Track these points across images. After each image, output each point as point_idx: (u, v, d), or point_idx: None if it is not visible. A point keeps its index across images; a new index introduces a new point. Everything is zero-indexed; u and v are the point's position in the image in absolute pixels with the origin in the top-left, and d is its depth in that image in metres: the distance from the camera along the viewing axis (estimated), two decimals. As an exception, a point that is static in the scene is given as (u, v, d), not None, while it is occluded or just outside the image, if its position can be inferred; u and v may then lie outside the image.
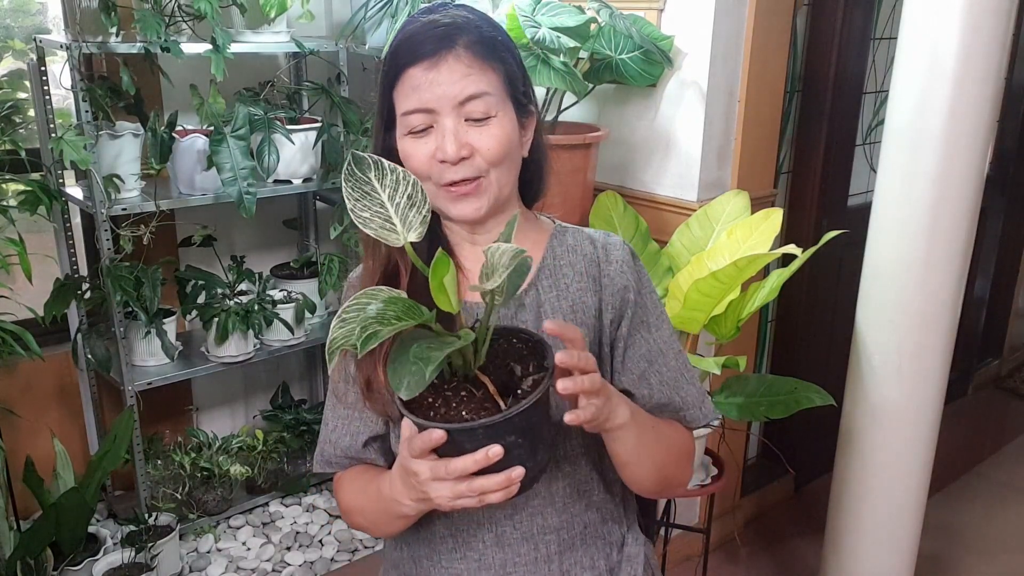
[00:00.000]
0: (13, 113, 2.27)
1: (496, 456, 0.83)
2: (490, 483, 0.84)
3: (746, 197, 2.12)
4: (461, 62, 0.98)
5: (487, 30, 1.02)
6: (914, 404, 2.06)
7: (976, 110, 1.85)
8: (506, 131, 1.01)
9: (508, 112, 1.02)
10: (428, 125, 1.00)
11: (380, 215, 0.87)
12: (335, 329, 0.82)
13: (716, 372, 1.78)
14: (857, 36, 2.56)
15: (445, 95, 0.98)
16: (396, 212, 0.87)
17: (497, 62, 1.01)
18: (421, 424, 0.85)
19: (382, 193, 0.87)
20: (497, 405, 0.86)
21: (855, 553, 2.21)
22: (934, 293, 1.97)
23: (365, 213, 0.87)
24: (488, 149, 1.00)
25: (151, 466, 2.61)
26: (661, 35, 2.20)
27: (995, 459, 3.36)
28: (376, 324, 0.80)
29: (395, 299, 0.83)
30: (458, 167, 1.00)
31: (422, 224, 0.87)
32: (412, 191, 0.87)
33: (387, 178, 0.87)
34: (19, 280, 2.29)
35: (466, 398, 0.87)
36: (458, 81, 0.98)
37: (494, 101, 1.00)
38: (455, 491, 0.86)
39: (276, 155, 2.49)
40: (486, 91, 0.99)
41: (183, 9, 2.33)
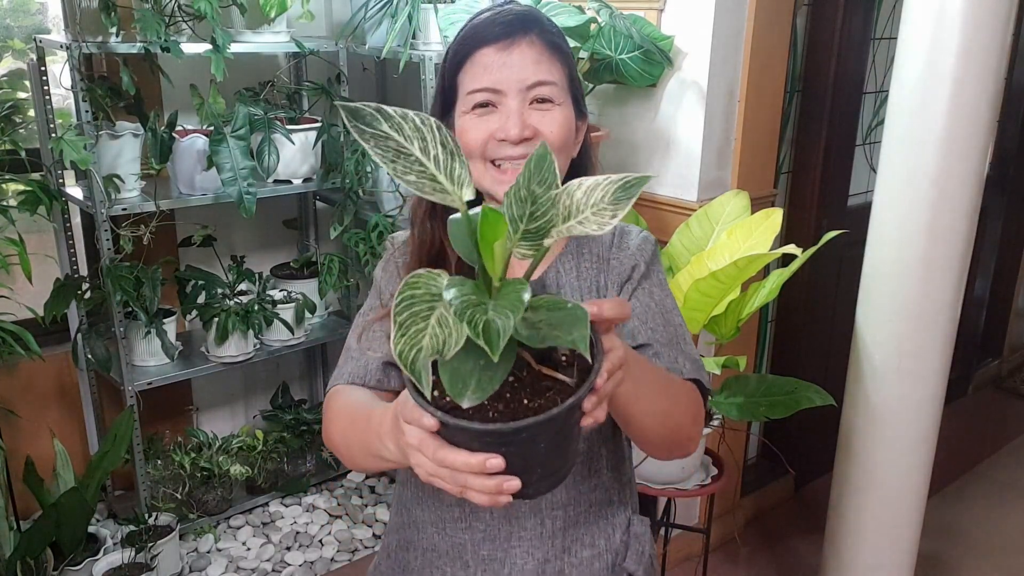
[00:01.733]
0: (13, 113, 2.27)
1: (493, 468, 0.72)
2: (476, 484, 0.73)
3: (746, 197, 2.12)
4: (534, 48, 1.02)
5: (556, 28, 1.06)
6: (914, 404, 2.06)
7: (976, 110, 1.85)
8: (568, 120, 1.05)
9: (569, 106, 1.06)
10: (492, 104, 1.03)
11: (424, 175, 0.72)
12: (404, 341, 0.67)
13: (716, 372, 1.78)
14: (857, 36, 2.56)
15: (515, 77, 1.01)
16: (439, 169, 0.72)
17: (564, 58, 1.05)
18: (420, 404, 0.72)
19: (412, 147, 0.72)
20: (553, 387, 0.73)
21: (855, 553, 2.21)
22: (934, 293, 1.97)
23: (410, 176, 0.72)
24: (551, 132, 1.03)
25: (151, 466, 2.61)
26: (661, 35, 2.20)
27: (995, 459, 3.36)
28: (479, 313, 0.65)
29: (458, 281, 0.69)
30: (518, 147, 1.02)
31: (468, 175, 0.73)
32: (443, 137, 0.72)
33: (405, 128, 0.72)
34: (19, 280, 2.29)
35: (513, 382, 0.73)
36: (529, 65, 1.01)
37: (559, 91, 1.03)
38: (435, 471, 0.76)
39: (276, 155, 2.49)
40: (554, 80, 1.03)
41: (183, 9, 2.33)
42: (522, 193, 0.71)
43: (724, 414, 2.02)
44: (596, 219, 0.70)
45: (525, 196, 0.71)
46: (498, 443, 0.72)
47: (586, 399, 0.72)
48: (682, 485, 2.06)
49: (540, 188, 0.71)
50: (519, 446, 0.72)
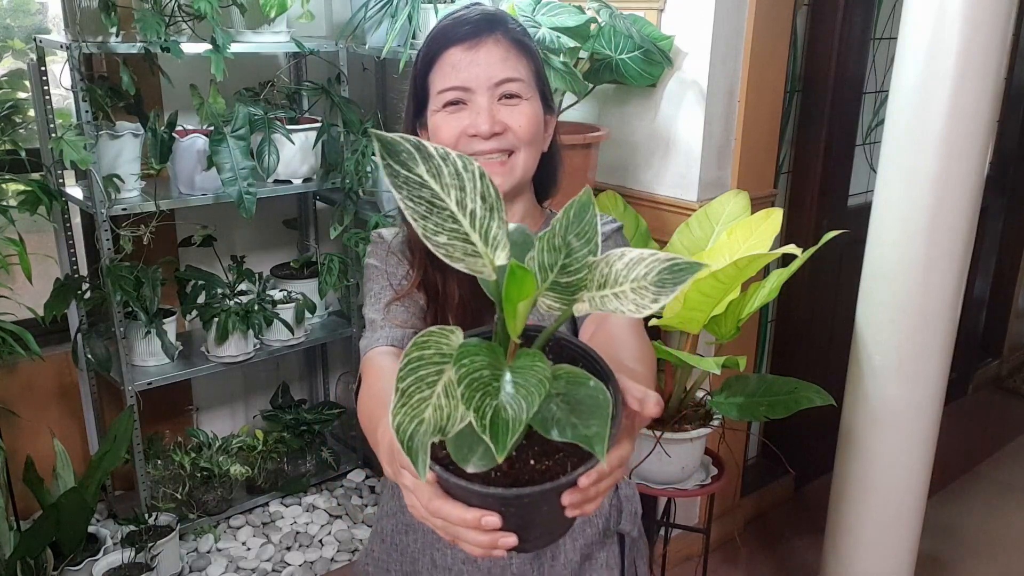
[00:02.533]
0: (13, 113, 2.27)
1: (490, 527, 0.66)
2: (470, 537, 0.68)
3: (746, 197, 2.12)
4: (500, 46, 1.05)
5: (522, 28, 1.10)
6: (914, 404, 2.06)
7: (976, 110, 1.85)
8: (536, 114, 1.08)
9: (537, 101, 1.09)
10: (462, 102, 1.06)
11: (457, 235, 0.62)
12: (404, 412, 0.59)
13: (716, 372, 1.78)
14: (857, 36, 2.56)
15: (483, 75, 1.05)
16: (474, 227, 0.62)
17: (530, 56, 1.09)
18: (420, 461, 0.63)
19: (448, 199, 0.62)
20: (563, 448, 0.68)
21: (855, 553, 2.21)
22: (934, 293, 1.97)
23: (442, 238, 0.62)
24: (520, 126, 1.06)
25: (151, 466, 2.61)
26: (661, 35, 2.20)
27: (995, 459, 3.36)
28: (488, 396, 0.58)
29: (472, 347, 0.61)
30: (489, 141, 1.05)
31: (506, 236, 0.64)
32: (484, 188, 0.62)
33: (444, 173, 0.62)
34: (19, 280, 2.29)
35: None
36: (496, 63, 1.05)
37: (526, 87, 1.07)
38: (426, 518, 0.71)
39: (276, 155, 2.49)
40: (520, 77, 1.06)
41: (183, 9, 2.33)
42: (556, 241, 0.64)
43: (724, 414, 2.02)
44: (635, 297, 0.61)
45: (559, 245, 0.64)
46: (498, 505, 0.67)
47: (583, 481, 0.65)
48: (682, 485, 2.06)
49: (578, 241, 0.64)
50: (520, 508, 0.68)
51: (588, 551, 1.15)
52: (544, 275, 0.64)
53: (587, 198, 0.65)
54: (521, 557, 1.10)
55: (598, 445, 0.59)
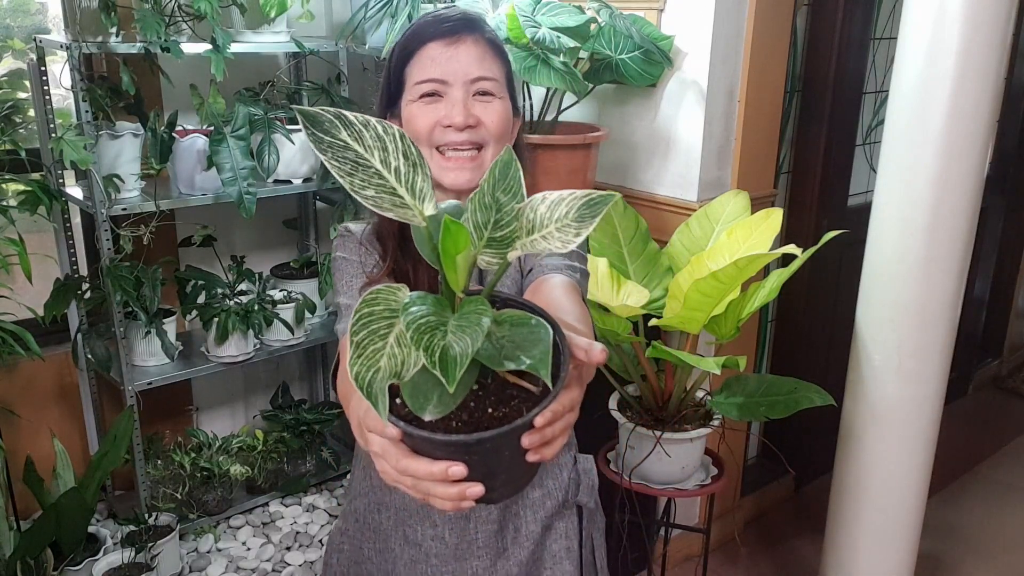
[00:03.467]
0: (13, 113, 2.27)
1: (455, 476, 0.70)
2: (439, 491, 0.71)
3: (746, 197, 2.12)
4: (478, 46, 1.12)
5: (496, 34, 1.16)
6: (914, 404, 2.06)
7: (976, 110, 1.85)
8: (506, 112, 1.14)
9: (508, 102, 1.15)
10: (438, 94, 1.11)
11: (384, 189, 0.67)
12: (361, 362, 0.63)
13: (716, 372, 1.78)
14: (857, 36, 2.56)
15: (461, 70, 1.10)
16: (400, 182, 0.68)
17: (503, 59, 1.15)
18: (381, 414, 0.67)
19: (372, 158, 0.67)
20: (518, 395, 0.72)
21: (855, 553, 2.21)
22: (934, 293, 1.97)
23: (368, 191, 0.68)
24: (492, 122, 1.12)
25: (151, 466, 2.61)
26: (661, 35, 2.20)
27: (995, 459, 3.36)
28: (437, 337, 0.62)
29: (418, 298, 0.66)
30: (462, 133, 1.10)
31: (431, 189, 0.70)
32: (405, 147, 0.68)
33: (365, 137, 0.67)
34: (19, 280, 2.29)
35: (477, 390, 0.71)
36: (474, 61, 1.11)
37: (499, 87, 1.13)
38: (399, 479, 0.74)
39: (276, 155, 2.49)
40: (495, 77, 1.12)
41: (183, 9, 2.33)
42: (487, 200, 0.68)
43: (724, 414, 2.02)
44: (560, 235, 0.67)
45: (490, 203, 0.68)
46: (461, 452, 0.70)
47: (539, 420, 0.69)
48: (682, 485, 2.06)
49: (505, 196, 0.69)
50: (482, 455, 0.71)
51: (548, 522, 1.21)
52: (479, 233, 0.68)
53: (509, 156, 0.70)
54: (486, 530, 1.17)
55: (543, 369, 0.63)
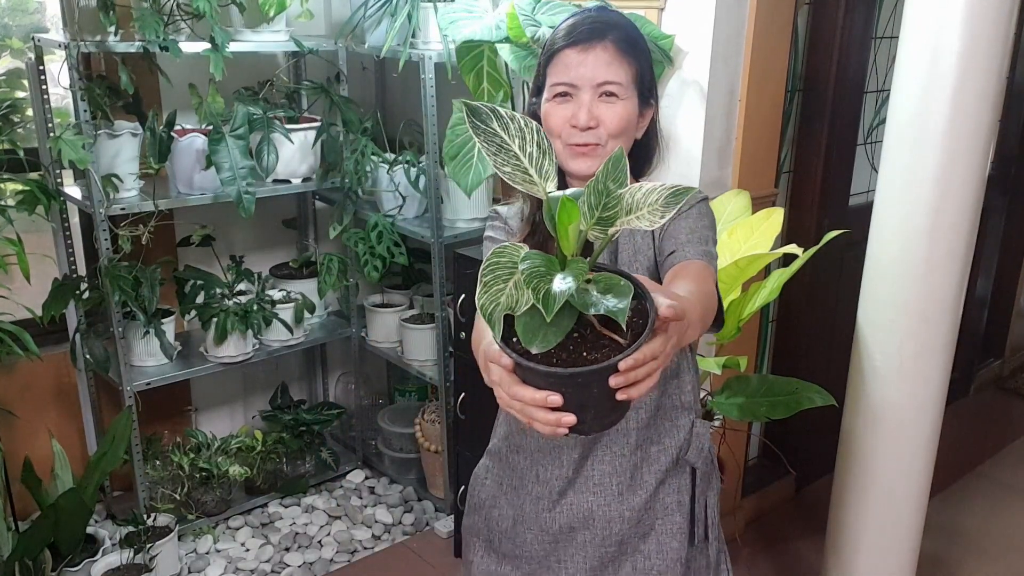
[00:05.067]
0: (11, 112, 2.26)
1: (554, 403, 0.88)
2: (539, 416, 0.89)
3: (747, 197, 2.11)
4: (607, 52, 1.23)
5: (632, 32, 1.27)
6: (915, 404, 2.05)
7: (977, 109, 1.85)
8: (628, 113, 1.26)
9: (633, 100, 1.27)
10: (569, 95, 1.26)
11: (519, 168, 0.89)
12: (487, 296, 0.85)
13: (717, 372, 1.77)
14: (858, 35, 2.55)
15: (588, 76, 1.24)
16: (531, 164, 0.89)
17: (634, 60, 1.26)
18: (500, 346, 0.88)
19: (512, 144, 0.89)
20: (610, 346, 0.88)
21: (856, 554, 2.20)
22: (935, 293, 1.96)
23: (507, 168, 0.89)
24: (611, 122, 1.25)
25: (150, 467, 2.60)
26: (662, 34, 2.19)
27: (996, 460, 3.35)
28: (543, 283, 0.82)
29: (534, 255, 0.85)
30: (585, 133, 1.25)
31: (555, 173, 0.91)
32: (539, 139, 0.89)
33: (511, 127, 0.89)
34: (17, 280, 2.29)
35: (576, 336, 0.89)
36: (601, 67, 1.23)
37: (624, 89, 1.25)
38: (510, 403, 0.92)
39: (275, 154, 2.49)
40: (620, 81, 1.24)
41: (182, 8, 2.32)
42: (599, 187, 0.86)
43: (725, 414, 2.01)
44: (649, 216, 0.85)
45: (601, 190, 0.86)
46: (558, 384, 0.87)
47: (623, 364, 0.85)
48: (683, 486, 2.05)
49: (614, 185, 0.86)
50: (575, 388, 0.87)
51: (663, 476, 1.34)
52: (592, 213, 0.87)
53: (619, 153, 0.88)
54: (602, 470, 1.31)
55: (620, 315, 0.80)
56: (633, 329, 0.88)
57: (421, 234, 2.61)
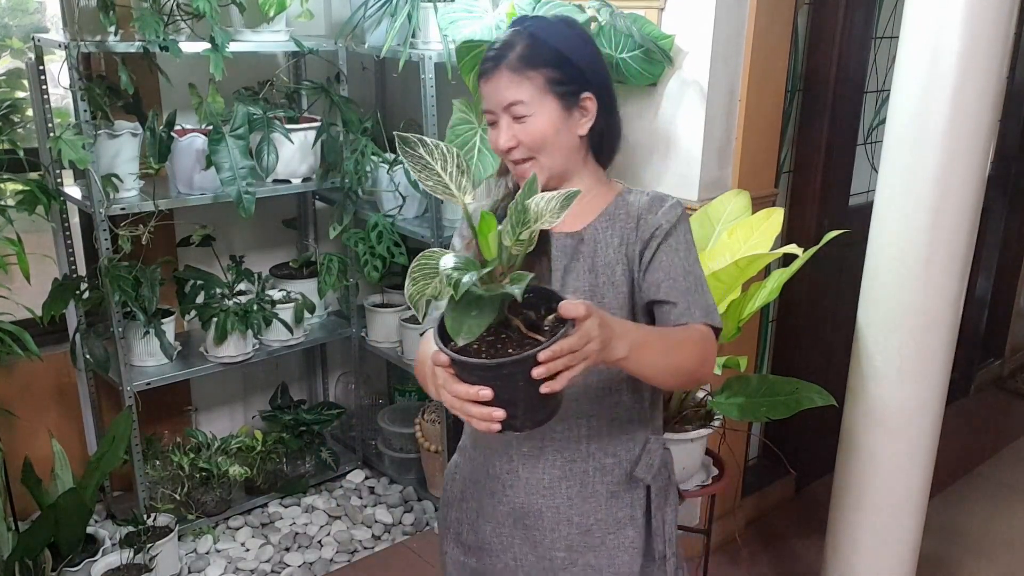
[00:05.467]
0: (11, 112, 2.26)
1: (484, 398, 1.01)
2: (472, 411, 1.02)
3: (747, 197, 2.11)
4: (504, 76, 1.28)
5: (533, 43, 1.29)
6: (915, 404, 2.05)
7: (977, 109, 1.85)
8: (543, 125, 1.29)
9: (547, 108, 1.29)
10: (495, 122, 1.32)
11: (440, 183, 1.07)
12: (415, 288, 1.04)
13: (717, 372, 1.77)
14: (858, 35, 2.55)
15: (497, 102, 1.30)
16: (451, 180, 1.07)
17: (535, 70, 1.28)
18: (439, 347, 1.02)
19: (435, 165, 1.06)
20: (534, 345, 0.99)
21: (856, 554, 2.20)
22: (936, 293, 1.96)
23: (430, 183, 1.08)
24: (527, 139, 1.29)
25: (150, 467, 2.60)
26: (661, 34, 2.19)
27: (996, 460, 3.35)
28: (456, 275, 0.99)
29: (455, 256, 1.02)
30: (512, 152, 1.31)
31: (474, 187, 1.08)
32: (459, 162, 1.07)
33: (435, 153, 1.06)
34: (17, 280, 2.28)
35: (504, 337, 1.03)
36: (502, 92, 1.29)
37: (531, 103, 1.28)
38: (451, 403, 1.05)
39: (275, 154, 2.49)
40: (522, 99, 1.28)
41: (182, 8, 2.32)
42: (519, 207, 1.03)
43: (725, 414, 2.01)
44: (549, 219, 1.04)
45: (520, 209, 1.03)
46: (487, 377, 1.00)
47: (541, 356, 0.98)
48: (683, 486, 2.05)
49: (528, 203, 1.04)
50: (502, 381, 1.00)
51: (615, 489, 1.35)
52: (514, 231, 1.03)
53: (532, 180, 1.06)
54: (552, 474, 1.34)
55: (517, 289, 0.96)
56: (555, 333, 1.00)
57: (421, 234, 2.61)
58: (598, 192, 1.37)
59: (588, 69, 1.32)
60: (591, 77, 1.32)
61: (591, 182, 1.36)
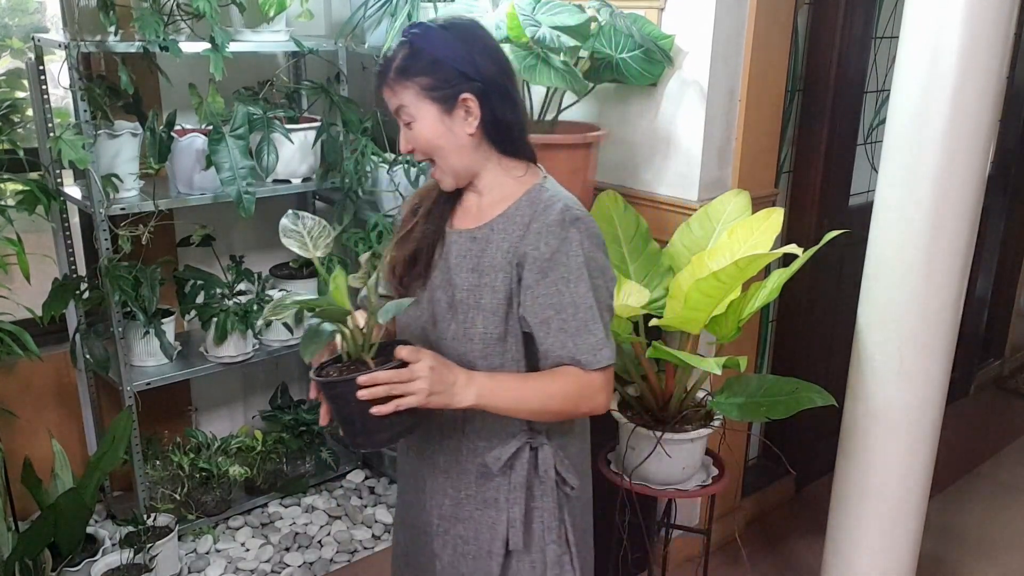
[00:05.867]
0: (11, 112, 2.26)
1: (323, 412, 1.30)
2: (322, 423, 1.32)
3: (747, 197, 2.11)
4: (388, 87, 1.36)
5: (406, 56, 1.34)
6: (915, 404, 2.05)
7: (977, 109, 1.85)
8: (425, 130, 1.35)
9: (427, 113, 1.34)
10: None
11: (301, 240, 1.35)
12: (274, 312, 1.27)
13: (717, 372, 1.77)
14: (858, 35, 2.55)
15: (390, 110, 1.39)
16: (310, 240, 1.35)
17: (409, 79, 1.34)
18: (311, 374, 1.28)
19: (302, 231, 1.35)
20: None
21: (856, 554, 2.20)
22: (936, 293, 1.96)
23: (293, 242, 1.34)
24: (417, 143, 1.37)
25: (150, 467, 2.60)
26: (662, 34, 2.19)
27: (996, 460, 3.35)
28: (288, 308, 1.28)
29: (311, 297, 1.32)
30: (413, 154, 1.39)
31: (326, 248, 1.35)
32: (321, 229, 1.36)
33: (302, 221, 1.35)
34: (17, 280, 2.28)
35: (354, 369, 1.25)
36: (389, 100, 1.37)
37: (411, 110, 1.35)
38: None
39: (275, 154, 2.48)
40: (403, 104, 1.35)
41: (182, 8, 2.32)
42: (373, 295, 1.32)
43: (725, 414, 2.01)
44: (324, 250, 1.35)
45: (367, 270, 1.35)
46: (325, 395, 1.25)
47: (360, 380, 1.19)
48: (683, 486, 2.05)
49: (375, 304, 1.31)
50: (337, 400, 1.23)
51: (485, 471, 1.42)
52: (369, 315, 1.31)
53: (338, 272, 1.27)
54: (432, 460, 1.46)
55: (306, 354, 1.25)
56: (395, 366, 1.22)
57: (421, 234, 2.60)
58: (505, 189, 1.40)
59: (466, 69, 1.33)
60: (470, 76, 1.34)
61: (498, 177, 1.40)
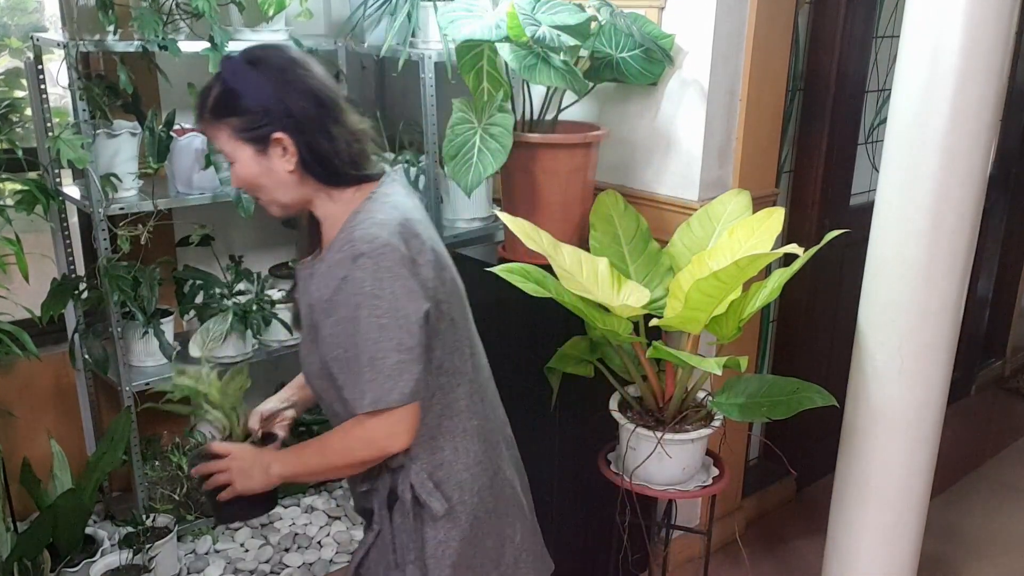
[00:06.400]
0: (10, 112, 2.26)
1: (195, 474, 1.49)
2: None
3: (747, 196, 2.10)
4: (205, 127, 1.35)
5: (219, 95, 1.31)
6: (916, 404, 2.04)
7: (979, 109, 1.84)
8: (244, 171, 1.35)
9: (243, 154, 1.33)
10: None
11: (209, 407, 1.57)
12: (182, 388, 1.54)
13: (717, 372, 1.76)
14: (859, 34, 2.55)
15: None
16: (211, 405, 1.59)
17: (221, 121, 1.32)
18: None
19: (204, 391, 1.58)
20: None
21: (857, 554, 2.19)
22: (936, 293, 1.96)
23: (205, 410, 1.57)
24: (240, 183, 1.38)
25: (149, 467, 2.60)
26: (662, 33, 2.19)
27: (998, 460, 3.35)
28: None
29: None
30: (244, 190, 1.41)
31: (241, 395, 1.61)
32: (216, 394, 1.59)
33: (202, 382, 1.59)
34: (16, 280, 2.28)
35: None
36: (210, 138, 1.37)
37: (228, 150, 1.34)
38: None
39: (275, 154, 2.48)
40: (220, 147, 1.35)
41: (181, 7, 2.32)
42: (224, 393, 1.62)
43: (725, 415, 2.01)
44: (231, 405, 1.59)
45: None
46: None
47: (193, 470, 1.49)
48: (683, 486, 2.05)
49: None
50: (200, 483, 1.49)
51: (361, 480, 1.46)
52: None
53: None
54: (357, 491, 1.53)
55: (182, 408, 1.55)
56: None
57: (421, 234, 2.60)
58: (337, 218, 1.37)
59: (273, 109, 1.29)
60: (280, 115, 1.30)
61: (329, 207, 1.38)
